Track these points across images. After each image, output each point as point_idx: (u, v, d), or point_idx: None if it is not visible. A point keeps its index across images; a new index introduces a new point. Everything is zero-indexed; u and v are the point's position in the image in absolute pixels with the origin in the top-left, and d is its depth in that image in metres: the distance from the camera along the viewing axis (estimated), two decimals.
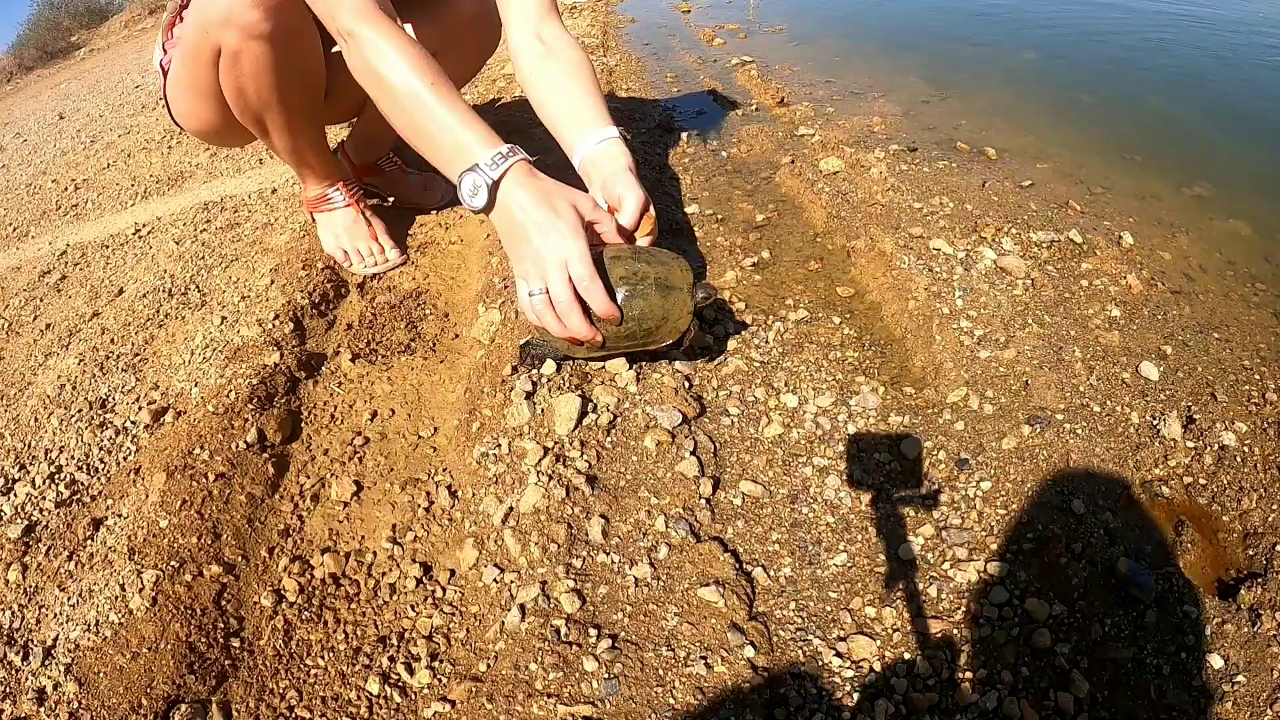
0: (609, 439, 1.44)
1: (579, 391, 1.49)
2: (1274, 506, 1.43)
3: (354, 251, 2.05)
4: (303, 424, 1.58)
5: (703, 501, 1.38)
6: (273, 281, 2.03)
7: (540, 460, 1.38)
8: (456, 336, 1.89)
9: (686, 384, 1.61)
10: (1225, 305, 1.86)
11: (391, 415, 1.59)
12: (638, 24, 4.37)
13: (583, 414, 1.42)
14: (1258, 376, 1.68)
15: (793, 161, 2.46)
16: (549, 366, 1.53)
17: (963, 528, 1.38)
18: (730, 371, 1.68)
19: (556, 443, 1.38)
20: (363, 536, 1.36)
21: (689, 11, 4.45)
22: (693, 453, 1.45)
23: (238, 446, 1.47)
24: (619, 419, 1.48)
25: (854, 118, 2.72)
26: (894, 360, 1.75)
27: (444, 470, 1.44)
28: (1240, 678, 1.19)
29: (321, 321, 1.88)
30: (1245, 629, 1.25)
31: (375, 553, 1.35)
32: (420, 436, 1.54)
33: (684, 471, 1.41)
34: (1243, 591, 1.31)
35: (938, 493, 1.45)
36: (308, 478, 1.46)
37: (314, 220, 2.15)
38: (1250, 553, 1.39)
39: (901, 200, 2.16)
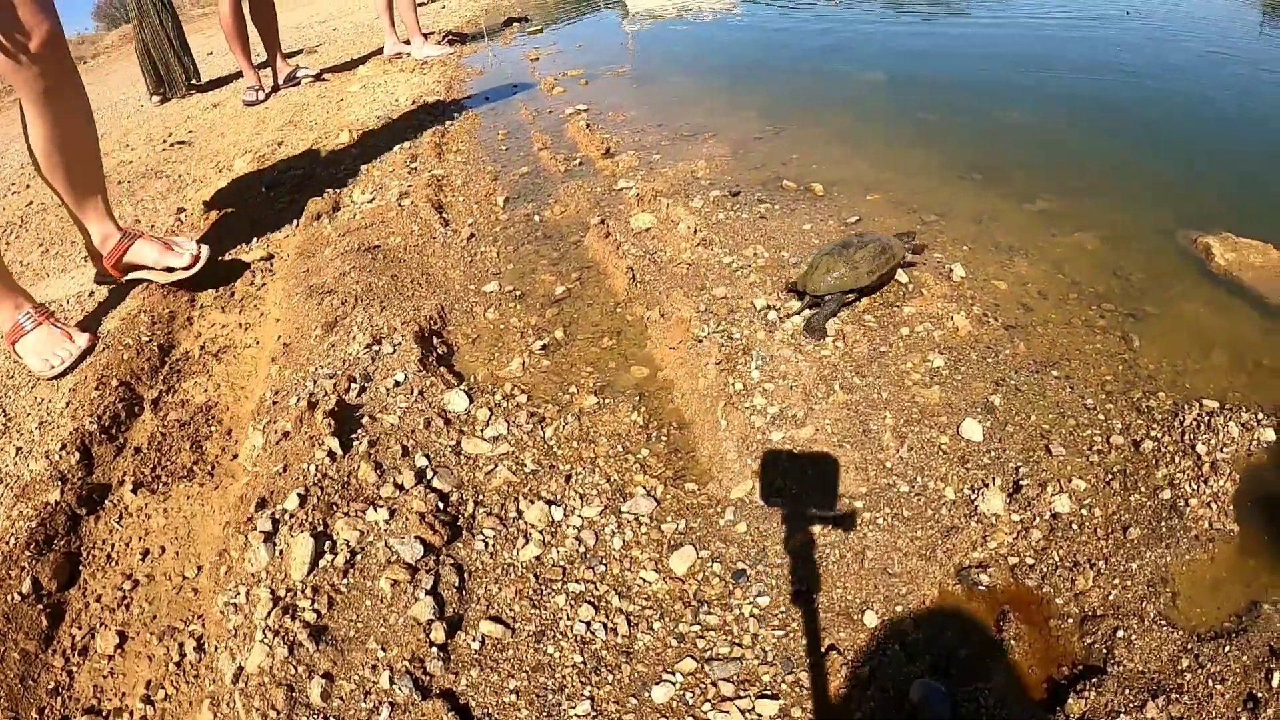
0: (345, 580, 1.39)
1: (321, 527, 1.44)
2: (1115, 581, 1.31)
3: (51, 359, 2.13)
4: (81, 565, 1.62)
5: (435, 650, 1.30)
6: (69, 403, 1.99)
7: (269, 613, 1.32)
8: (235, 456, 1.86)
9: (440, 505, 1.51)
10: (1067, 335, 1.78)
11: (162, 554, 1.64)
12: (484, 75, 4.38)
13: (318, 555, 1.43)
14: (1101, 416, 1.58)
15: (602, 222, 2.38)
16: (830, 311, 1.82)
17: (730, 658, 1.23)
18: (498, 484, 1.59)
19: (290, 590, 1.39)
20: (123, 693, 1.38)
21: (537, 59, 4.47)
22: (431, 590, 1.38)
23: (13, 599, 1.50)
24: (359, 555, 1.42)
25: (679, 164, 2.67)
26: (681, 450, 1.63)
27: (198, 618, 1.48)
28: None
29: (110, 447, 1.91)
30: None
31: (133, 712, 1.34)
32: (184, 577, 1.58)
33: (417, 615, 1.34)
34: (1071, 700, 1.17)
35: (706, 616, 1.30)
36: (79, 628, 1.50)
37: (16, 353, 2.13)
38: (1088, 640, 1.26)
39: (711, 256, 2.07)
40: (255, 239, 2.96)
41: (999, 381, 1.65)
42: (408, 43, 5.09)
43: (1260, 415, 1.57)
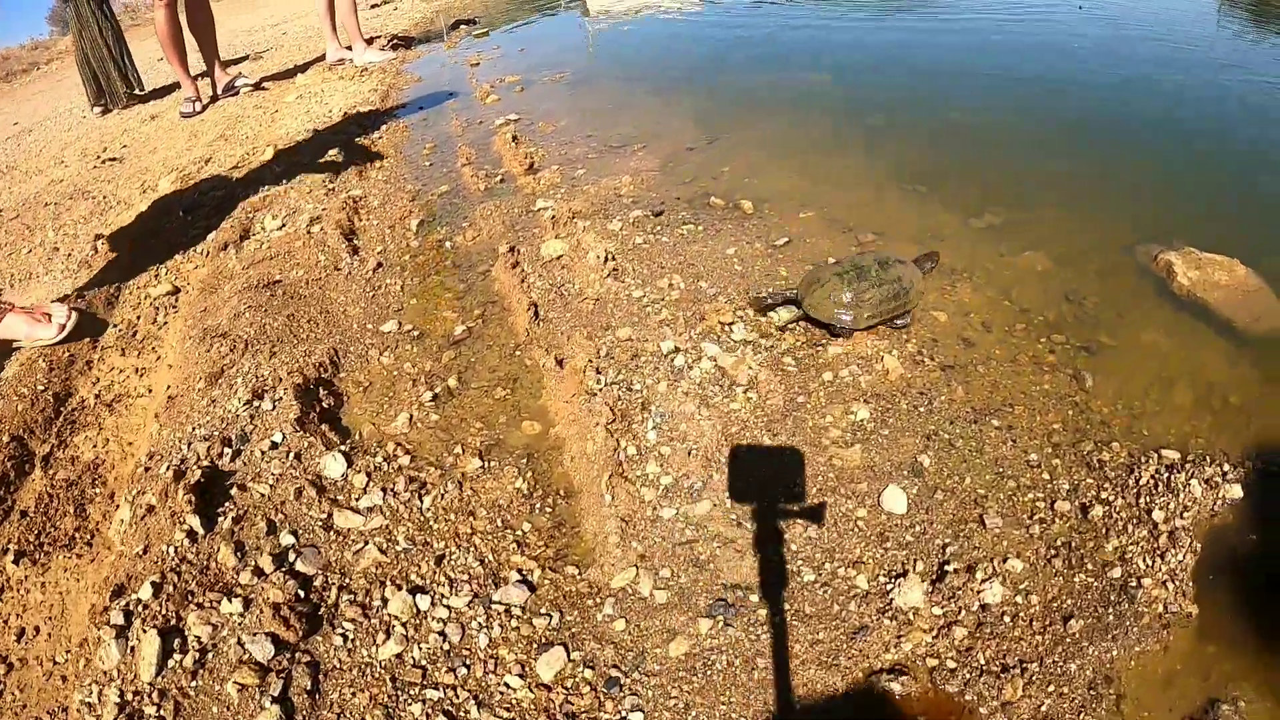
0: (194, 683, 1.26)
1: (174, 621, 1.31)
2: (1050, 687, 1.12)
3: None
4: None
5: None
6: None
7: None
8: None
9: (301, 592, 1.36)
10: (1012, 375, 1.58)
11: (36, 634, 1.56)
12: (423, 83, 4.16)
13: (167, 654, 1.34)
14: (1046, 475, 1.39)
15: (511, 250, 2.18)
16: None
17: None
18: (366, 565, 1.41)
19: (138, 693, 1.29)
20: None
21: (477, 65, 4.25)
22: (280, 697, 1.23)
23: None
24: (209, 654, 1.28)
25: (603, 179, 2.46)
26: (566, 524, 1.44)
27: (62, 710, 1.38)
28: None
29: None
30: None
31: None
32: (55, 662, 1.49)
33: None
34: None
35: None
36: None
37: None
38: None
39: (621, 289, 1.87)
40: (164, 270, 2.77)
41: (931, 436, 1.45)
42: (350, 48, 4.87)
43: (1226, 467, 1.38)
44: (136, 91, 5.37)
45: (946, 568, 1.24)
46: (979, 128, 2.55)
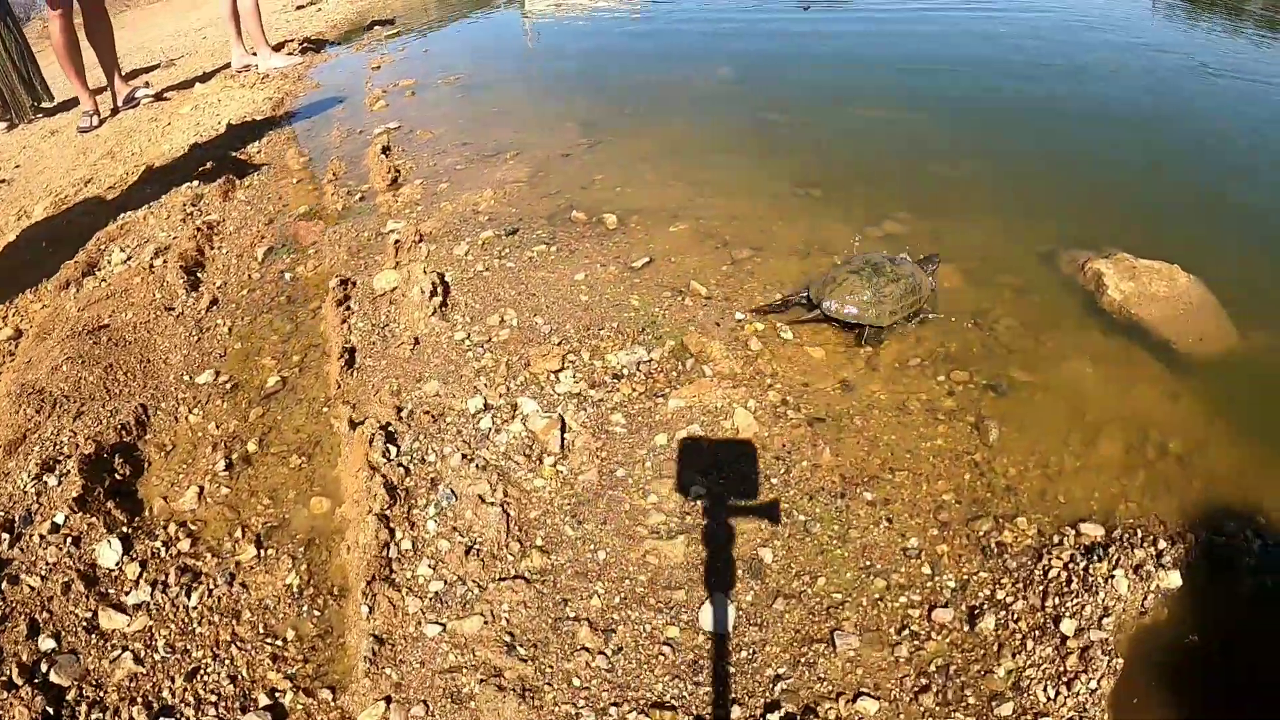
0: None
1: None
2: None
3: None
4: None
5: None
6: None
7: None
8: None
9: (51, 709, 1.16)
10: (897, 428, 1.27)
11: None
12: (320, 89, 3.84)
13: None
14: (927, 570, 1.08)
15: (343, 283, 1.86)
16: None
17: None
18: (121, 677, 1.19)
19: None
20: None
21: (378, 68, 3.93)
22: None
23: None
24: None
25: (465, 194, 2.14)
26: (333, 631, 1.16)
27: None
28: None
29: None
30: None
31: None
32: None
33: None
34: None
35: None
36: None
37: None
38: None
39: (445, 330, 1.56)
40: (12, 311, 2.48)
41: (780, 521, 1.13)
42: (255, 54, 4.59)
43: (1161, 545, 1.08)
44: (45, 104, 5.07)
45: (770, 715, 0.92)
46: (889, 124, 2.22)
